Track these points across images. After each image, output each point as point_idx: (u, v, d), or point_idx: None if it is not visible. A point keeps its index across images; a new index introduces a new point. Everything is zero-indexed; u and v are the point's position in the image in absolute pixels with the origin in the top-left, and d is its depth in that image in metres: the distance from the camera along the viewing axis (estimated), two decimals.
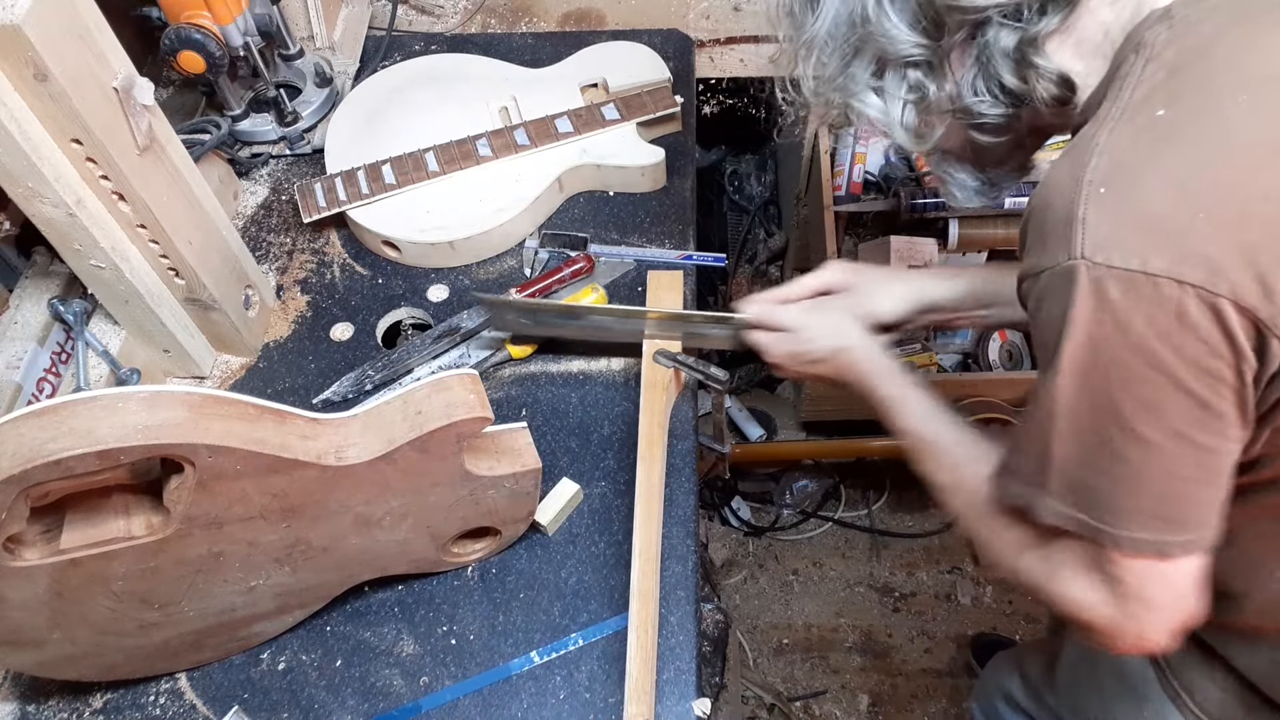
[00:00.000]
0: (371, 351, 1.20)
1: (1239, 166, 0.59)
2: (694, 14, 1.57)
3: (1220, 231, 0.58)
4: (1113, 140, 0.62)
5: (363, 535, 0.89)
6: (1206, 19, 0.63)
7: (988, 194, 0.87)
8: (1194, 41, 0.62)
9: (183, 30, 1.20)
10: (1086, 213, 0.60)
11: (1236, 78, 0.60)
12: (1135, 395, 0.62)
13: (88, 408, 0.69)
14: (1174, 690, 0.97)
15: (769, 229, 2.23)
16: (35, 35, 0.79)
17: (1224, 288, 0.57)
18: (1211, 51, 0.62)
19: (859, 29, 0.73)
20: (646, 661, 0.89)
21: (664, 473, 1.01)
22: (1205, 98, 0.60)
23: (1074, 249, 0.60)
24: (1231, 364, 0.59)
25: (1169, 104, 0.61)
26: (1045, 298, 0.64)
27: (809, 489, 2.16)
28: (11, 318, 1.10)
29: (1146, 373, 0.60)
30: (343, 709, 0.95)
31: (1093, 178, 0.61)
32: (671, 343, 1.10)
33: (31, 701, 0.97)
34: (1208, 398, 0.61)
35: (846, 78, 0.76)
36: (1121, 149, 0.61)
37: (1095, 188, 0.60)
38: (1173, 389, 0.60)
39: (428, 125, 1.33)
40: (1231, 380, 0.60)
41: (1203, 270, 0.57)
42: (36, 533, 0.78)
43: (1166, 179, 0.59)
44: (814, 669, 1.99)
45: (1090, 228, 0.60)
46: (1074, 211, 0.61)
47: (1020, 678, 1.31)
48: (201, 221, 1.07)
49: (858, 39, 0.74)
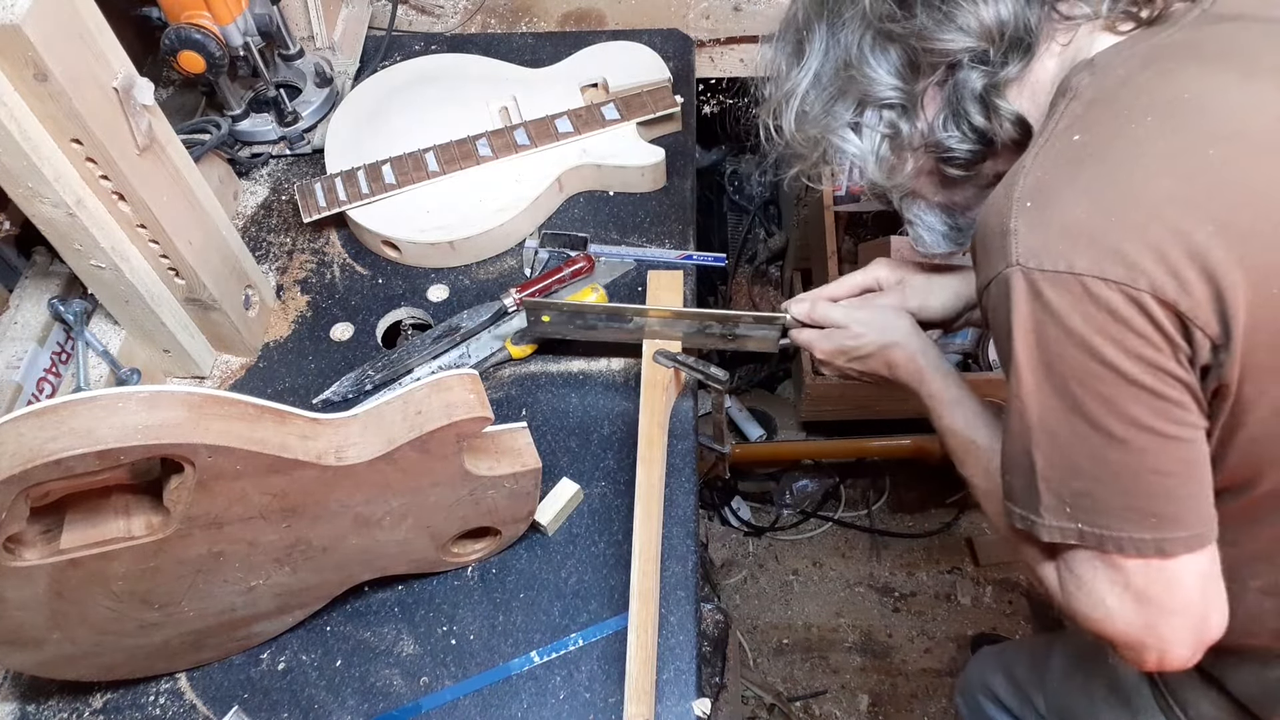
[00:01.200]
0: (371, 351, 1.20)
1: (1148, 174, 0.65)
2: (694, 14, 1.57)
3: (1133, 232, 0.63)
4: (1037, 163, 0.69)
5: (363, 535, 0.89)
6: (1122, 65, 0.71)
7: (954, 239, 0.92)
8: (1110, 82, 0.70)
9: (183, 30, 1.20)
10: (1017, 225, 0.67)
11: (1145, 103, 0.67)
12: (1093, 392, 0.65)
13: (88, 408, 0.69)
14: (1168, 705, 0.98)
15: (769, 229, 2.23)
16: (35, 35, 0.79)
17: (1143, 283, 0.62)
18: (1125, 86, 0.69)
19: (842, 74, 0.81)
20: (646, 661, 0.89)
21: (664, 473, 1.01)
22: (1117, 122, 0.67)
23: (1009, 257, 0.66)
24: (1169, 353, 0.64)
25: (1085, 130, 0.69)
26: (994, 308, 0.70)
27: (809, 489, 2.16)
28: (11, 318, 1.10)
29: (1096, 369, 0.65)
30: (343, 709, 0.95)
31: (1020, 195, 0.68)
32: (671, 343, 1.10)
33: (31, 701, 0.97)
34: (1158, 388, 0.64)
35: (829, 116, 0.84)
36: (1045, 169, 0.68)
37: (1023, 203, 0.67)
38: (1125, 383, 0.64)
39: (428, 125, 1.33)
40: (1175, 369, 0.64)
41: (1121, 267, 0.62)
42: (36, 533, 0.78)
43: (1084, 190, 0.66)
44: (814, 669, 1.99)
45: (1021, 237, 0.66)
46: (1007, 225, 0.67)
47: (1005, 675, 1.31)
48: (201, 221, 1.07)
49: (841, 83, 0.82)
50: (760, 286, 2.23)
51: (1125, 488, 0.67)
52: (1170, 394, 0.65)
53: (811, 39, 0.82)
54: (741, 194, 2.21)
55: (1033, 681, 1.24)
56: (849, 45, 0.80)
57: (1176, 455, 0.67)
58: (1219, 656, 0.86)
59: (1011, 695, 1.29)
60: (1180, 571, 0.68)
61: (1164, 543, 0.67)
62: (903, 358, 0.96)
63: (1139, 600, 0.69)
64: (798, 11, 0.84)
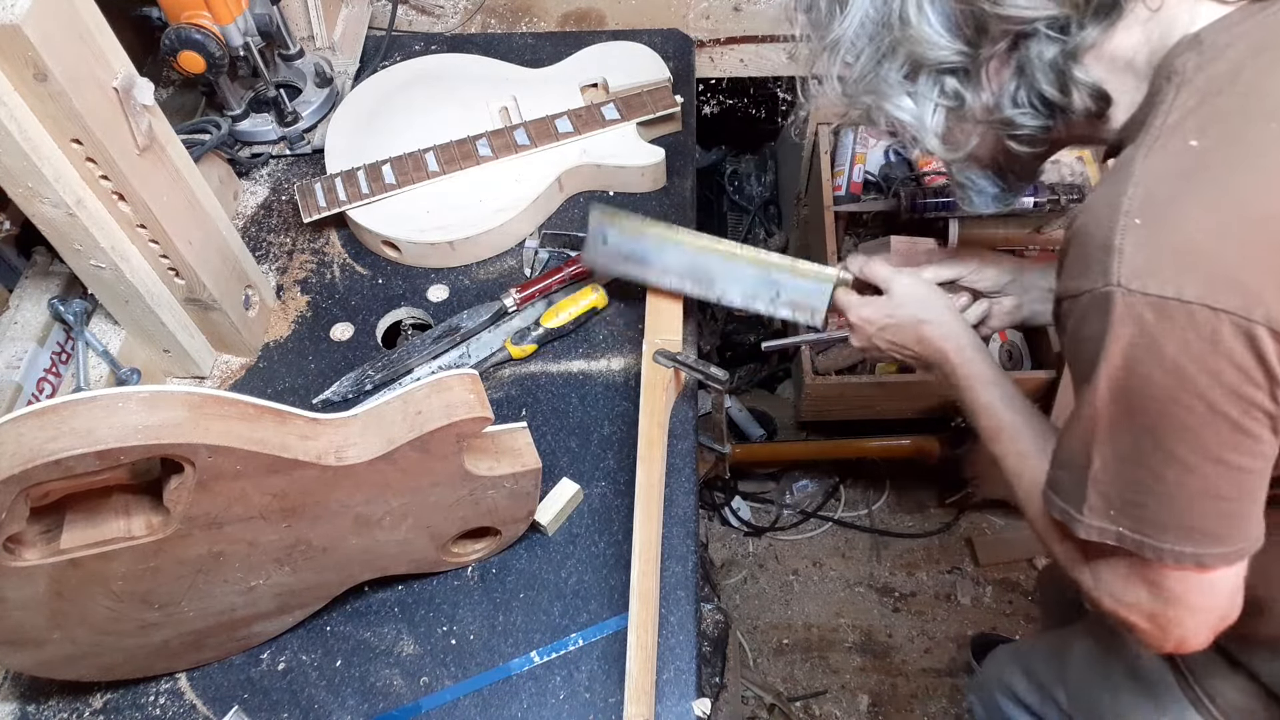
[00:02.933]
0: (371, 351, 1.20)
1: (1270, 194, 0.60)
2: (694, 14, 1.57)
3: (1254, 259, 0.59)
4: (1147, 169, 0.63)
5: (363, 535, 0.89)
6: (1232, 48, 0.64)
7: (1004, 200, 0.88)
8: (1223, 68, 0.64)
9: (183, 30, 1.20)
10: (1123, 242, 0.62)
11: (1265, 106, 0.62)
12: (1171, 418, 0.63)
13: (88, 408, 0.69)
14: (1195, 695, 0.98)
15: (769, 229, 2.22)
16: (35, 35, 0.79)
17: (1259, 314, 0.58)
18: (1239, 78, 0.63)
19: (894, 31, 0.72)
20: (646, 661, 0.89)
21: (664, 473, 1.01)
22: (1235, 126, 0.62)
23: (1111, 276, 0.62)
24: (1266, 389, 0.61)
25: (1200, 133, 0.63)
26: (1084, 319, 0.66)
27: (809, 489, 2.16)
28: (11, 318, 1.10)
29: (1182, 396, 0.62)
30: (343, 709, 0.95)
31: (1129, 207, 0.62)
32: (672, 343, 1.10)
33: (31, 701, 0.97)
34: (1242, 421, 0.62)
35: (878, 79, 0.75)
36: (1155, 179, 0.63)
37: (1131, 218, 0.62)
38: (1208, 413, 0.62)
39: (428, 125, 1.33)
40: (1266, 405, 0.61)
41: (1237, 297, 0.59)
42: (36, 533, 0.77)
43: (1200, 209, 0.61)
44: (814, 669, 1.99)
45: (1127, 257, 0.62)
46: (1111, 240, 0.62)
47: (1024, 672, 1.31)
48: (201, 221, 1.07)
49: (891, 40, 0.73)
50: None
51: (1179, 507, 0.66)
52: (1251, 428, 0.62)
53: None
54: (741, 194, 2.21)
55: (1053, 676, 1.23)
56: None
57: (1238, 483, 0.65)
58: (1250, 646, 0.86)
59: (1031, 692, 1.28)
60: (1214, 581, 0.69)
61: (1205, 557, 0.67)
62: (935, 334, 0.96)
63: (1169, 600, 0.70)
64: None
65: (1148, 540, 0.68)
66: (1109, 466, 0.68)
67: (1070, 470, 0.71)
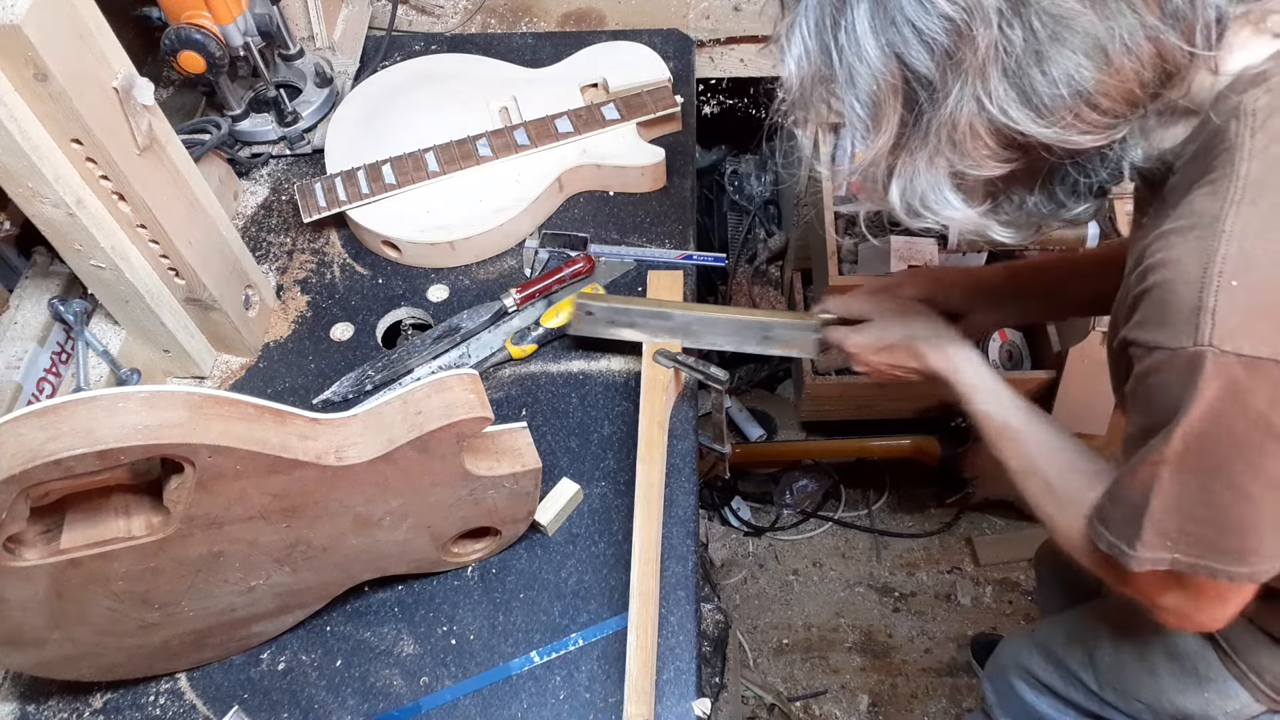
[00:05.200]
0: (371, 351, 1.20)
1: None
2: (694, 14, 1.57)
3: None
4: (1239, 226, 0.62)
5: (363, 535, 0.89)
6: None
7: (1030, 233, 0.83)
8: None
9: (183, 30, 1.20)
10: (1217, 304, 0.61)
11: None
12: (1247, 461, 0.64)
13: (88, 408, 0.69)
14: (1241, 671, 0.99)
15: (769, 229, 2.22)
16: (35, 35, 0.79)
17: None
18: None
19: (943, 141, 0.66)
20: (646, 661, 0.89)
21: (664, 473, 1.01)
22: None
23: (1201, 337, 0.62)
24: None
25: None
26: (1161, 372, 0.66)
27: (809, 489, 2.16)
28: (11, 318, 1.10)
29: (1266, 444, 0.63)
30: (343, 709, 0.95)
31: (1223, 268, 0.62)
32: (671, 343, 1.10)
33: (31, 701, 0.97)
34: None
35: (918, 175, 0.69)
36: (1250, 238, 0.62)
37: (1227, 279, 0.61)
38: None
39: (428, 125, 1.33)
40: None
41: None
42: (36, 533, 0.78)
43: None
44: (814, 669, 1.99)
45: (1220, 319, 0.61)
46: (1203, 301, 0.62)
47: (1042, 653, 1.30)
48: (201, 221, 1.07)
49: (937, 143, 0.66)
50: (760, 287, 2.22)
51: (1243, 534, 0.67)
52: None
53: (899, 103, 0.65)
54: (741, 194, 2.21)
55: (1076, 657, 1.23)
56: (956, 115, 0.63)
57: None
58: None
59: (1053, 673, 1.27)
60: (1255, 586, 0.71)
61: (1258, 574, 0.68)
62: (929, 349, 0.97)
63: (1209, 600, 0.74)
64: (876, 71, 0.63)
65: (1201, 563, 0.69)
66: (1170, 506, 0.68)
67: (1123, 507, 0.72)
